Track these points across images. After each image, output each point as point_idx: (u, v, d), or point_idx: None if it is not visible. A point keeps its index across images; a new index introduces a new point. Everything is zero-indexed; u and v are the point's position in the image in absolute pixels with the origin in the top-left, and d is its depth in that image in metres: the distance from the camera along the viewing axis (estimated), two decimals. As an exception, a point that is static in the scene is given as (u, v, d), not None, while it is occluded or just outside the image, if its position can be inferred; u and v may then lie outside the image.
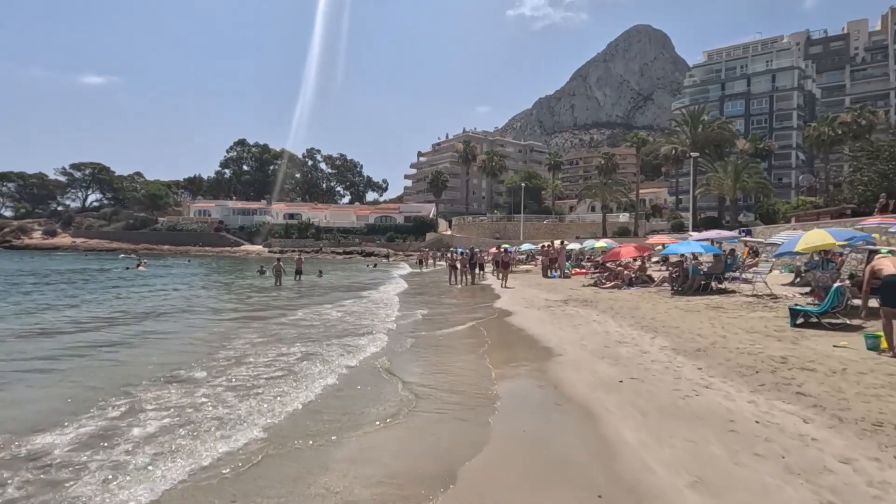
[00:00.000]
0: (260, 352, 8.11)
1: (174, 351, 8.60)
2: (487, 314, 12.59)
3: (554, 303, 13.70)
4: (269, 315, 12.95)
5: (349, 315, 12.94)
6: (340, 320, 12.00)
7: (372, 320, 11.90)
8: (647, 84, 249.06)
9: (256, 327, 10.81)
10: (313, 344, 8.81)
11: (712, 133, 51.09)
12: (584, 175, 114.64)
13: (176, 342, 9.45)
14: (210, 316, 13.27)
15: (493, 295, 17.21)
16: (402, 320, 12.02)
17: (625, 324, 9.69)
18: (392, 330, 10.46)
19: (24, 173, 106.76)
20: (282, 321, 11.70)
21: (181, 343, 9.35)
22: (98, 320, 12.09)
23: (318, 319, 12.10)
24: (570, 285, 19.01)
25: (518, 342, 8.95)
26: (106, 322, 11.80)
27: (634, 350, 7.36)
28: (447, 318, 12.37)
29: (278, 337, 9.61)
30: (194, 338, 9.80)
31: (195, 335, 10.11)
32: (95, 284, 23.41)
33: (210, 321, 12.25)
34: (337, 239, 77.19)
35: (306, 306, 14.90)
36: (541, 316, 11.45)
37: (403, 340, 9.27)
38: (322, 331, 10.39)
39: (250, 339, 9.26)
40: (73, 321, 11.83)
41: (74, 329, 10.71)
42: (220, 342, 9.08)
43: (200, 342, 9.27)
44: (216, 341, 9.22)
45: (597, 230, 58.20)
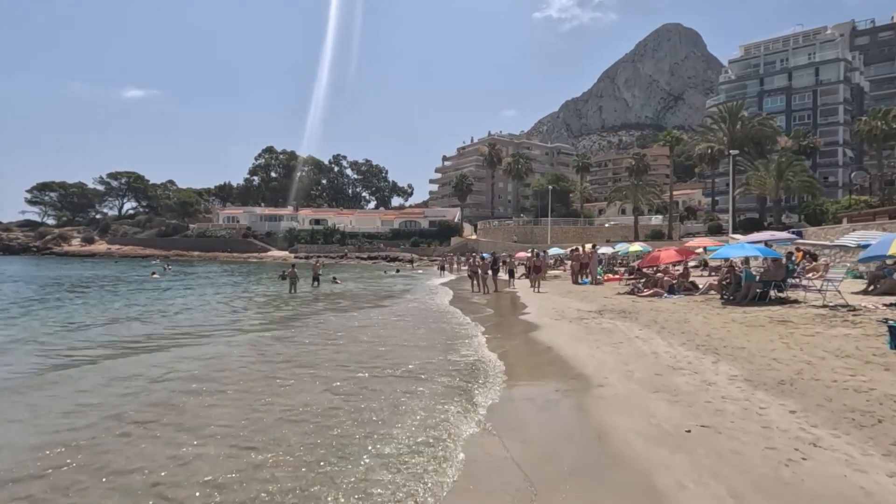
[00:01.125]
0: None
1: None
2: (511, 330, 11.16)
3: (587, 314, 12.17)
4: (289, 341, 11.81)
5: (362, 338, 11.73)
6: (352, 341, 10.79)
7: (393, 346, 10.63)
8: (678, 84, 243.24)
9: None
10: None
11: (752, 130, 48.24)
12: (614, 177, 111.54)
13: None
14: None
15: (520, 304, 15.76)
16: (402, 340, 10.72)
17: (675, 342, 8.13)
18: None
19: (65, 183, 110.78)
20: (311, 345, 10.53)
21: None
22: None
23: (344, 344, 10.90)
24: (603, 293, 17.37)
25: (546, 366, 7.51)
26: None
27: (695, 380, 5.85)
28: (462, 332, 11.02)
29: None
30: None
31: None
32: (118, 296, 23.00)
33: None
34: (362, 244, 76.98)
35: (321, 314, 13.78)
36: (573, 331, 9.96)
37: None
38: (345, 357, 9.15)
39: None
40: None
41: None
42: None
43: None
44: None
45: (628, 233, 55.82)
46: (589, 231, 62.85)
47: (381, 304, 17.73)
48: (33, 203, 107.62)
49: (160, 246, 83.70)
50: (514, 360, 7.90)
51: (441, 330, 11.54)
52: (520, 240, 62.14)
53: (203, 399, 6.09)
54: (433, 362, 7.94)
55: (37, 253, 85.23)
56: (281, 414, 5.43)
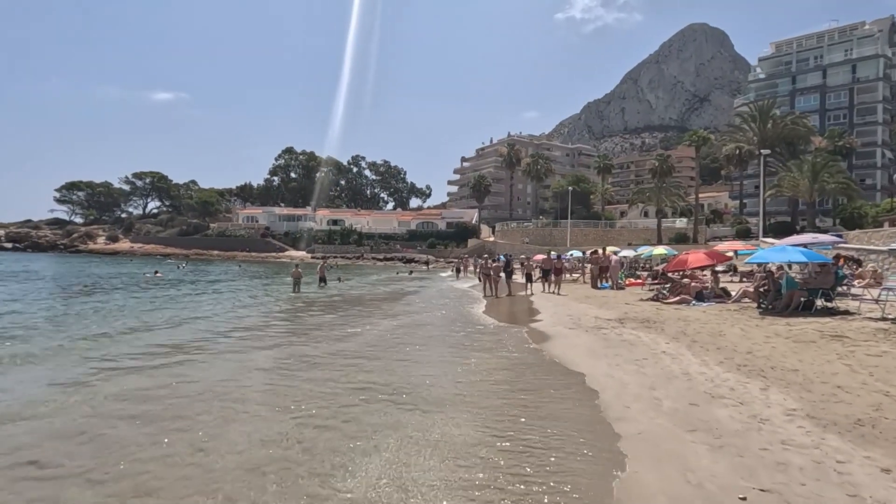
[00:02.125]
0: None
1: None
2: (517, 343, 9.97)
3: (606, 322, 10.93)
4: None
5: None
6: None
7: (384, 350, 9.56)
8: (704, 85, 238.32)
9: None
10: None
11: (784, 129, 45.97)
12: (636, 179, 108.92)
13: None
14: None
15: (532, 310, 14.55)
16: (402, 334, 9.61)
17: (711, 360, 6.88)
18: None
19: (92, 182, 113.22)
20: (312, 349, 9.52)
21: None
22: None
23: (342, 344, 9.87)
24: (624, 298, 16.05)
25: (552, 389, 6.29)
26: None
27: (742, 414, 4.64)
28: (461, 342, 9.89)
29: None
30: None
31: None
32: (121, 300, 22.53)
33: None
34: (378, 245, 76.43)
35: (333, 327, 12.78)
36: (590, 343, 8.76)
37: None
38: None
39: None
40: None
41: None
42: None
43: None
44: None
45: (651, 236, 53.90)
46: (610, 234, 61.06)
47: (380, 307, 16.67)
48: (62, 202, 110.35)
49: (181, 245, 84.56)
50: (512, 385, 6.59)
51: (432, 341, 10.08)
52: (538, 242, 60.64)
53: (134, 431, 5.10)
54: (409, 384, 6.53)
55: (63, 250, 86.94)
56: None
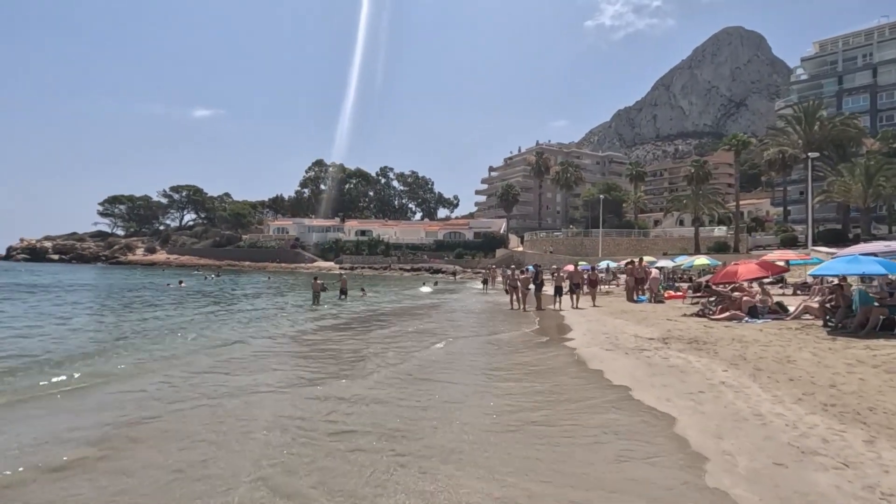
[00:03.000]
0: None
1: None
2: (546, 369, 8.89)
3: (648, 342, 9.73)
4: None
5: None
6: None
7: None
8: (740, 89, 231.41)
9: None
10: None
11: (833, 131, 43.23)
12: (670, 187, 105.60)
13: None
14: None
15: (563, 326, 13.39)
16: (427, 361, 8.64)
17: (785, 396, 5.67)
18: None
19: (132, 196, 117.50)
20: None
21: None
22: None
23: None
24: (665, 313, 14.71)
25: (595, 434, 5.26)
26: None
27: (851, 483, 3.48)
28: (487, 366, 8.88)
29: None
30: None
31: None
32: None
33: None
34: (405, 255, 76.14)
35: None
36: (632, 368, 7.63)
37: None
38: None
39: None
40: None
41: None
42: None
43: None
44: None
45: (687, 246, 51.51)
46: (643, 243, 58.86)
47: (400, 326, 15.59)
48: (104, 215, 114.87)
49: (214, 256, 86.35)
50: (550, 437, 4.92)
51: (456, 368, 8.47)
52: (568, 252, 58.94)
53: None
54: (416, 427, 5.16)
55: (105, 261, 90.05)
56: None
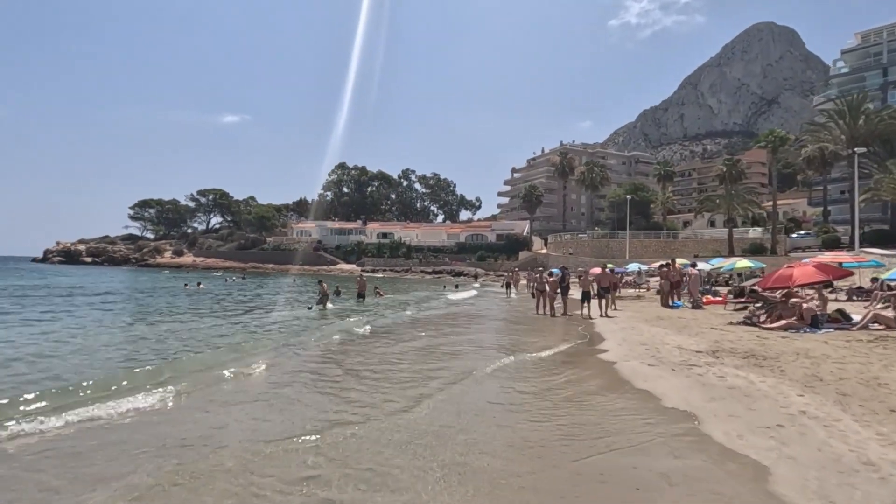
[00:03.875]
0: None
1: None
2: (582, 390, 7.87)
3: (695, 356, 8.61)
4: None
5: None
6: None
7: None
8: (772, 86, 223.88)
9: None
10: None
11: (880, 125, 40.73)
12: (699, 188, 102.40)
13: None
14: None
15: (594, 335, 12.30)
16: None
17: (895, 432, 4.56)
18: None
19: (161, 200, 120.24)
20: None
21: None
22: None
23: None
24: (707, 321, 13.48)
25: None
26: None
27: None
28: (510, 383, 7.91)
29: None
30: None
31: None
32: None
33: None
34: (427, 258, 75.54)
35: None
36: (684, 390, 6.56)
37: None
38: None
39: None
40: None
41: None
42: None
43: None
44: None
45: (720, 248, 49.34)
46: (673, 245, 56.75)
47: (416, 337, 14.72)
48: (135, 218, 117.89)
49: (239, 258, 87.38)
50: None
51: (472, 401, 6.75)
52: (594, 254, 57.26)
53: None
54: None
55: (135, 264, 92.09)
56: None
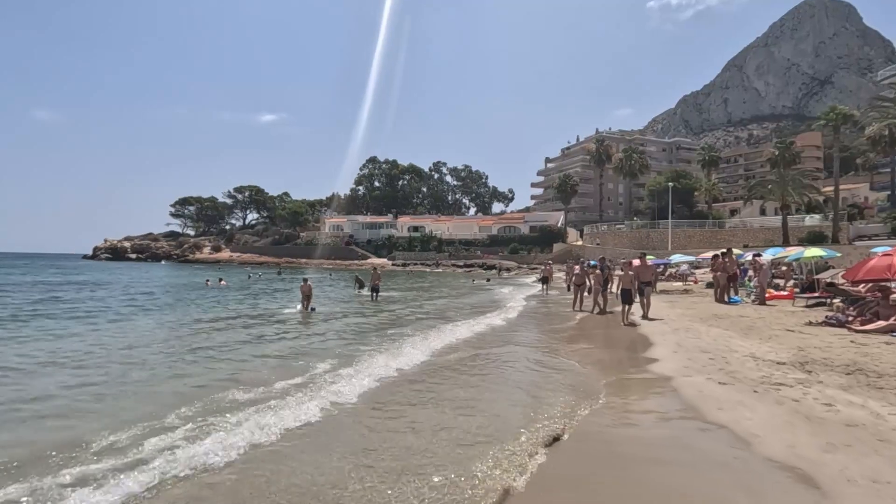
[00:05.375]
0: None
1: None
2: (637, 419, 6.23)
3: (777, 369, 6.84)
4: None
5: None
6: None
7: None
8: (825, 65, 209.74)
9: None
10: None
11: (960, 98, 36.42)
12: (745, 174, 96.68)
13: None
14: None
15: (641, 338, 10.55)
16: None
17: None
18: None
19: (200, 197, 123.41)
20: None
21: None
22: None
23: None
24: (776, 320, 11.53)
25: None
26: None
27: None
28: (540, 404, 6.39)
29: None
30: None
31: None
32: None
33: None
34: (458, 251, 74.20)
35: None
36: (783, 428, 4.82)
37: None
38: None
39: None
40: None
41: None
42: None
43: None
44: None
45: (773, 237, 45.84)
46: (719, 235, 53.29)
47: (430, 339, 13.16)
48: (175, 216, 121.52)
49: (273, 253, 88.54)
50: None
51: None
52: (633, 246, 54.47)
53: None
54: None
55: (175, 260, 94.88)
56: None
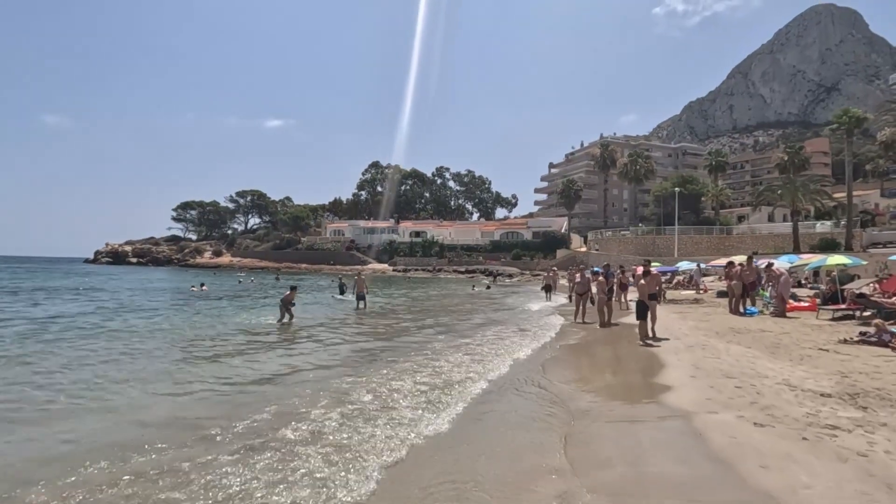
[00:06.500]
0: None
1: None
2: (635, 454, 5.03)
3: (822, 402, 5.68)
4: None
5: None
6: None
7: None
8: (831, 72, 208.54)
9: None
10: None
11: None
12: (752, 181, 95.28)
13: None
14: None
15: (650, 357, 9.36)
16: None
17: None
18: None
19: (202, 201, 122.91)
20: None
21: None
22: None
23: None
24: (804, 336, 10.36)
25: None
26: None
27: None
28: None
29: None
30: None
31: None
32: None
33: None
34: (460, 257, 73.15)
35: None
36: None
37: None
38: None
39: None
40: None
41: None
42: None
43: None
44: None
45: (783, 244, 44.50)
46: (727, 241, 51.99)
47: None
48: (177, 220, 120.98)
49: (274, 258, 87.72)
50: None
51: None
52: (639, 252, 53.19)
53: None
54: None
55: (177, 264, 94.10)
56: None
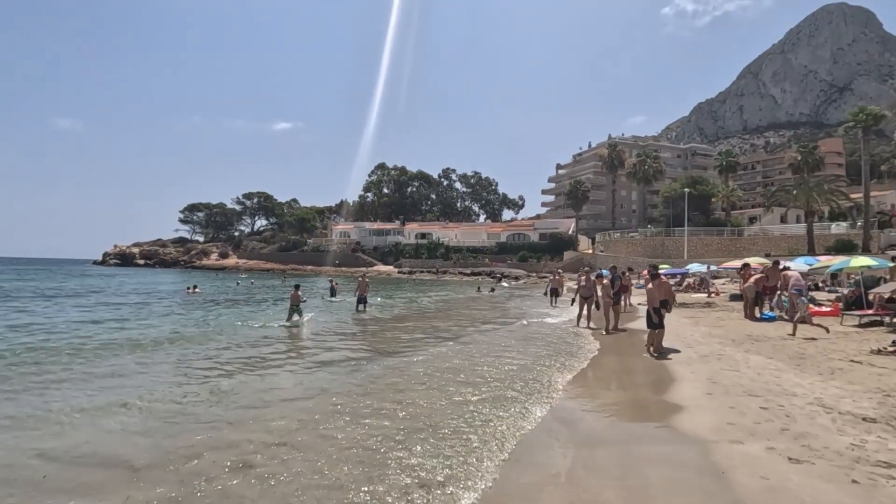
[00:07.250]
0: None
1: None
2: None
3: (866, 428, 4.84)
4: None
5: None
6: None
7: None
8: (843, 72, 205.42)
9: None
10: None
11: None
12: (764, 181, 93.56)
13: None
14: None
15: (657, 368, 8.52)
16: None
17: None
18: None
19: (209, 203, 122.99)
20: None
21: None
22: None
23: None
24: (831, 345, 9.46)
25: None
26: None
27: None
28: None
29: None
30: None
31: None
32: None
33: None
34: (466, 259, 72.31)
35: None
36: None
37: None
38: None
39: None
40: None
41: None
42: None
43: None
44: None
45: (797, 245, 43.26)
46: (738, 243, 50.77)
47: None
48: (184, 222, 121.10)
49: (280, 260, 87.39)
50: None
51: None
52: (648, 254, 52.13)
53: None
54: None
55: (183, 266, 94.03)
56: None
